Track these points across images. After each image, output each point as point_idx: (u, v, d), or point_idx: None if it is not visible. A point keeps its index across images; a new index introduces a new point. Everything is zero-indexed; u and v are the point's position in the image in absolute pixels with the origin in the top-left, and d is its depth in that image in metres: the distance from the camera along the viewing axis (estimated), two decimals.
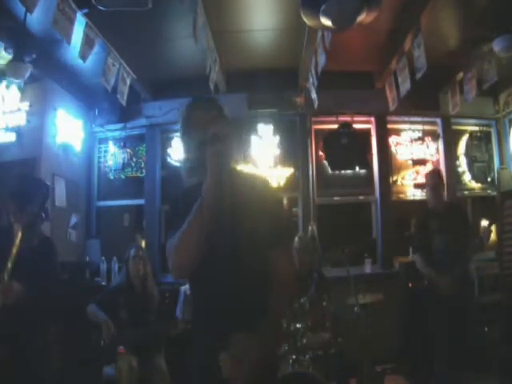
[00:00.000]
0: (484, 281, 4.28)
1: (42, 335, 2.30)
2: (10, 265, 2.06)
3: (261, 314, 1.32)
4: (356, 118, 5.04)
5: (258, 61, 4.63)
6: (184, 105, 1.54)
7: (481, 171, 5.29)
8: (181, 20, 3.58)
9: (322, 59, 3.53)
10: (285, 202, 4.96)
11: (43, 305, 2.27)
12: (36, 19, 3.15)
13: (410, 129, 5.18)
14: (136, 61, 4.10)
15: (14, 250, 2.09)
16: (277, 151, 4.95)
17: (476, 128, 5.36)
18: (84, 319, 3.21)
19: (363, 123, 5.12)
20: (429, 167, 5.08)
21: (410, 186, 5.09)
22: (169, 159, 5.10)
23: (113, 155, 5.24)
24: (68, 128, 4.66)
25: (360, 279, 3.72)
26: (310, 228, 4.60)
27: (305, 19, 2.77)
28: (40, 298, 2.19)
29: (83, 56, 3.20)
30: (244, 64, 4.67)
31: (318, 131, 5.12)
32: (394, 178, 5.09)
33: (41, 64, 3.91)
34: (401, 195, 5.08)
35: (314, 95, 4.29)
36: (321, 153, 5.07)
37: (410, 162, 5.12)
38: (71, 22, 2.84)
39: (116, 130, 5.20)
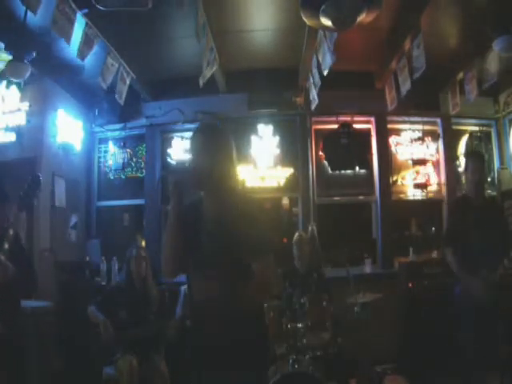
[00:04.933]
0: None
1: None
2: (6, 246, 2.17)
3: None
4: (356, 118, 5.04)
5: (258, 61, 4.63)
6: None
7: None
8: (181, 20, 3.58)
9: (327, 59, 3.46)
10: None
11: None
12: (36, 19, 3.14)
13: (409, 129, 5.17)
14: (136, 61, 4.09)
15: (12, 232, 2.22)
16: (277, 151, 4.95)
17: (476, 128, 5.35)
18: (84, 319, 3.22)
19: (363, 123, 5.12)
20: (429, 167, 5.08)
21: (409, 185, 5.08)
22: (169, 159, 5.10)
23: (113, 155, 5.24)
24: (68, 128, 4.66)
25: (360, 279, 3.71)
26: (310, 228, 4.60)
27: (305, 19, 2.77)
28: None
29: (82, 55, 3.19)
30: (244, 64, 4.67)
31: (318, 131, 5.12)
32: (394, 178, 5.08)
33: (41, 64, 3.91)
34: (401, 195, 5.08)
35: (313, 95, 4.28)
36: (321, 153, 5.07)
37: (410, 162, 5.11)
38: (71, 22, 2.84)
39: (116, 130, 5.19)
